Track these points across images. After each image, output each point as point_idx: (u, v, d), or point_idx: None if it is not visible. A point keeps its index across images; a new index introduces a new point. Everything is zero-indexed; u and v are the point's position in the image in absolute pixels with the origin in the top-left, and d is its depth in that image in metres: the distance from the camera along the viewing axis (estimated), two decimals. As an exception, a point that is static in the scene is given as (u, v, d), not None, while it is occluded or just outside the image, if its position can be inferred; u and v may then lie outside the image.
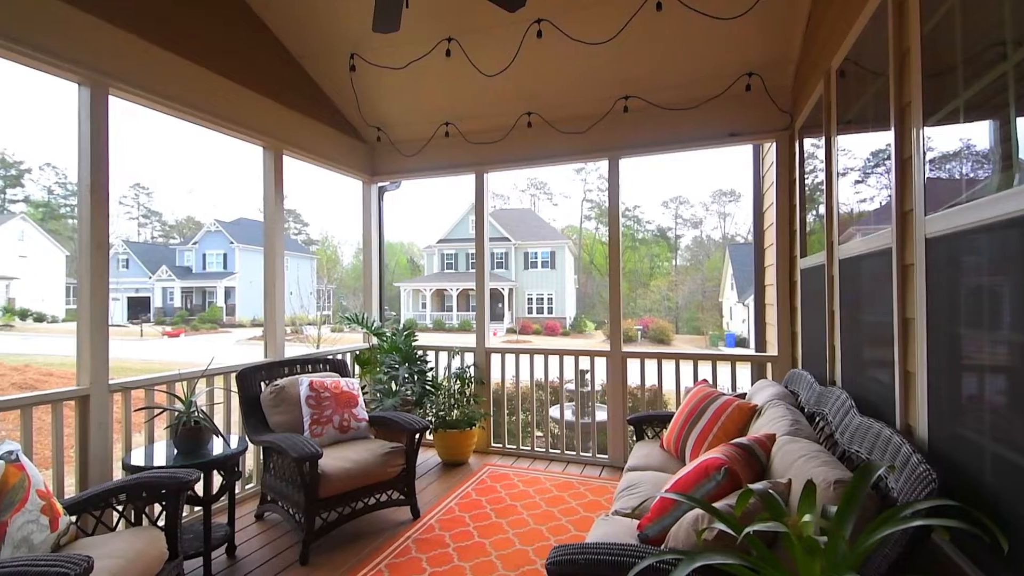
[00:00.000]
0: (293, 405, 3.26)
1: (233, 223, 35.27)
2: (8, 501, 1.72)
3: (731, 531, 1.20)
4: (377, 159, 4.93)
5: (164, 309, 32.88)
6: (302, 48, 3.96)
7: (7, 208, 40.49)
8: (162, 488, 2.11)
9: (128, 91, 2.86)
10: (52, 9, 2.52)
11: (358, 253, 38.97)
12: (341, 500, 2.90)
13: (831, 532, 1.11)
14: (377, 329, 4.64)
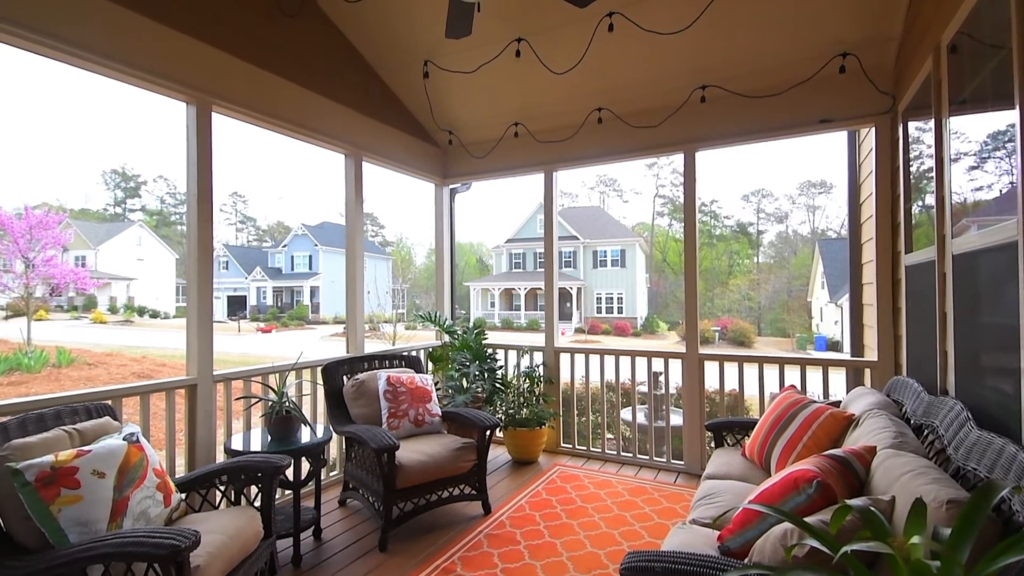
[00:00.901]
0: (372, 398, 3.42)
1: (317, 227, 37.69)
2: (129, 478, 1.94)
3: (825, 549, 1.11)
4: (449, 162, 5.06)
5: (258, 307, 35.77)
6: (380, 59, 4.15)
7: (127, 216, 45.84)
8: (258, 472, 2.29)
9: (229, 108, 3.14)
10: (166, 37, 2.81)
11: (430, 254, 40.28)
12: (416, 491, 3.01)
13: (944, 556, 0.99)
14: (449, 327, 4.76)
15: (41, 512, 1.70)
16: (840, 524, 1.28)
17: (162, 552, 1.57)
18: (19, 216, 16.11)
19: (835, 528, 1.25)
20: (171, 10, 2.84)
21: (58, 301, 26.92)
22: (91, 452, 1.85)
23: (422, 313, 4.89)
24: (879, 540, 1.06)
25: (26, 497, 1.70)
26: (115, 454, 1.91)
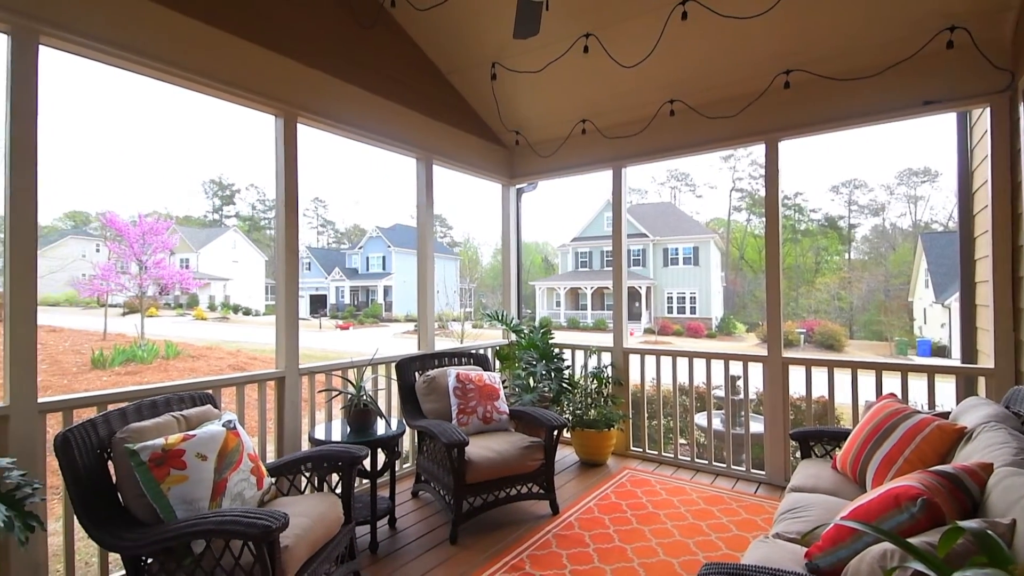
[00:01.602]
0: (442, 394, 3.51)
1: (390, 229, 39.35)
2: (228, 461, 2.11)
3: (932, 574, 1.00)
4: (515, 162, 5.09)
5: (337, 305, 37.91)
6: (449, 64, 4.25)
7: (223, 222, 50.14)
8: (339, 461, 2.42)
9: (312, 119, 3.34)
10: (257, 55, 3.04)
11: (496, 253, 40.81)
12: (485, 487, 3.05)
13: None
14: (515, 326, 4.79)
15: (153, 490, 1.89)
16: (950, 547, 1.15)
17: (255, 531, 1.70)
18: (134, 223, 18.10)
19: (944, 551, 1.12)
20: (261, 29, 3.06)
21: (166, 299, 29.93)
22: (195, 436, 2.04)
23: (489, 312, 4.96)
24: (997, 568, 0.94)
25: (141, 476, 1.90)
26: (216, 439, 2.09)
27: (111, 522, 1.88)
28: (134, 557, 1.84)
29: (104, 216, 19.29)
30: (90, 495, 1.89)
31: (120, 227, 17.95)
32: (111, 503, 1.94)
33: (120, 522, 1.89)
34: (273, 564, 1.77)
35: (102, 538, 1.83)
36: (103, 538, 1.83)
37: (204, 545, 1.83)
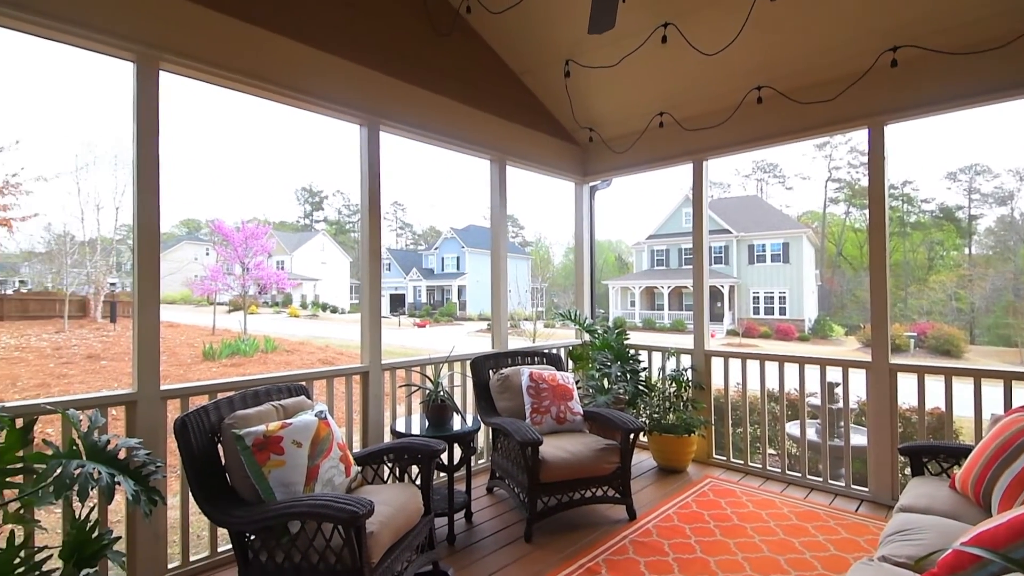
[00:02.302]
0: (515, 393, 3.53)
1: (464, 230, 40.36)
2: (319, 449, 2.26)
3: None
4: (589, 159, 5.02)
5: (414, 304, 39.50)
6: (522, 65, 4.27)
7: (313, 227, 53.84)
8: (418, 453, 2.50)
9: (394, 127, 3.49)
10: (343, 69, 3.22)
11: (568, 252, 40.57)
12: (559, 488, 3.03)
13: None
14: (589, 326, 4.72)
15: (256, 472, 2.06)
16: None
17: (344, 516, 1.80)
18: (237, 229, 19.92)
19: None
20: (346, 44, 3.24)
21: (264, 298, 32.64)
22: (292, 425, 2.20)
23: (562, 311, 4.93)
24: None
25: (245, 459, 2.07)
26: (309, 428, 2.24)
27: (220, 500, 2.07)
28: (239, 532, 2.01)
29: (213, 223, 21.44)
30: (203, 474, 2.09)
31: (226, 233, 19.85)
32: (220, 482, 2.14)
33: (228, 500, 2.08)
34: (360, 548, 1.87)
35: (213, 513, 2.02)
36: (213, 514, 2.02)
37: (299, 526, 1.97)
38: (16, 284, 25.46)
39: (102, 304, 19.31)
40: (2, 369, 10.41)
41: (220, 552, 2.71)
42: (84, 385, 9.86)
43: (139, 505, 1.76)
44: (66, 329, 15.79)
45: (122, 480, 1.72)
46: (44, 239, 22.04)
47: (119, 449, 1.82)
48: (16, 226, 12.50)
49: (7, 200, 12.16)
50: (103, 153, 32.59)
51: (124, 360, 11.77)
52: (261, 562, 1.99)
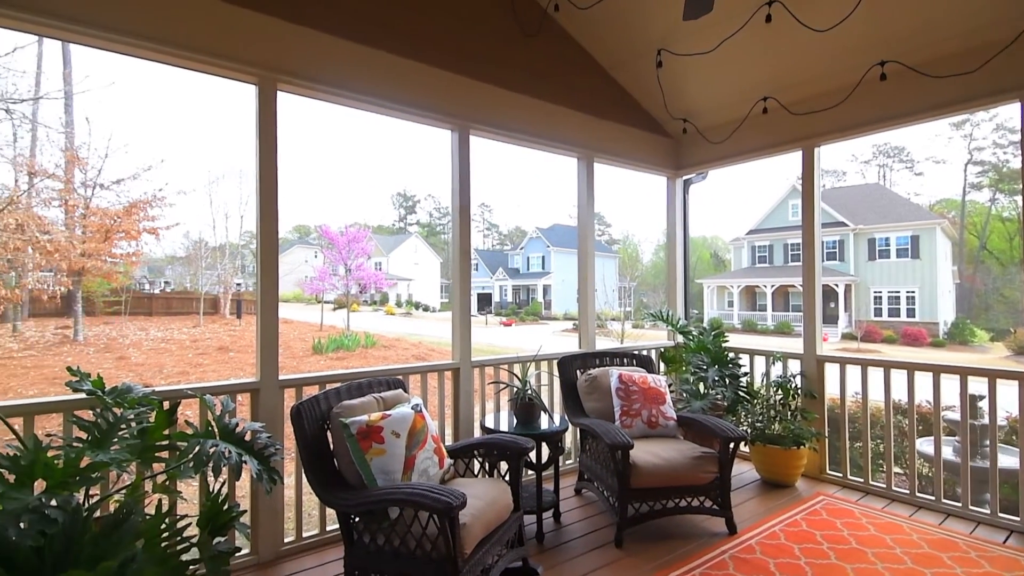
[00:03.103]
0: (604, 394, 3.46)
1: (549, 229, 40.40)
2: (415, 440, 2.36)
3: None
4: (682, 152, 4.79)
5: (500, 303, 40.25)
6: (612, 58, 4.18)
7: (407, 229, 56.75)
8: (507, 450, 2.54)
9: (483, 130, 3.57)
10: (435, 77, 3.34)
11: (658, 250, 39.10)
12: (652, 494, 2.92)
13: None
14: (682, 327, 4.51)
15: (360, 458, 2.20)
16: None
17: (439, 506, 1.87)
18: (341, 233, 21.55)
19: None
20: (436, 53, 3.36)
21: (364, 297, 34.97)
22: (391, 416, 2.32)
23: (652, 311, 4.75)
24: None
25: (351, 446, 2.22)
26: (406, 419, 2.35)
27: (329, 482, 2.24)
28: (345, 514, 2.16)
29: (320, 228, 23.40)
30: (314, 458, 2.27)
31: (332, 237, 21.56)
32: (329, 466, 2.31)
33: (335, 483, 2.25)
34: (454, 538, 1.93)
35: (322, 494, 2.19)
36: (323, 495, 2.18)
37: (398, 512, 2.07)
38: (162, 285, 29.50)
39: (230, 302, 21.82)
40: (152, 358, 12.11)
41: (328, 531, 2.93)
42: (216, 373, 11.19)
43: (262, 483, 1.95)
44: (201, 324, 18.04)
45: (248, 459, 1.92)
46: (183, 245, 25.43)
47: (245, 432, 2.03)
48: (162, 234, 14.52)
49: (155, 212, 14.13)
50: (230, 168, 36.99)
51: (248, 352, 13.20)
52: (364, 543, 2.13)
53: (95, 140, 27.12)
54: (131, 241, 14.00)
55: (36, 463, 1.49)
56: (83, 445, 1.76)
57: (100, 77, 26.82)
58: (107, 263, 13.66)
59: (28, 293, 12.64)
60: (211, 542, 1.81)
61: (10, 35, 11.80)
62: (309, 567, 2.67)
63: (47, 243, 11.92)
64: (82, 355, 11.86)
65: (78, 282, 13.47)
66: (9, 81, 13.78)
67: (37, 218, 12.21)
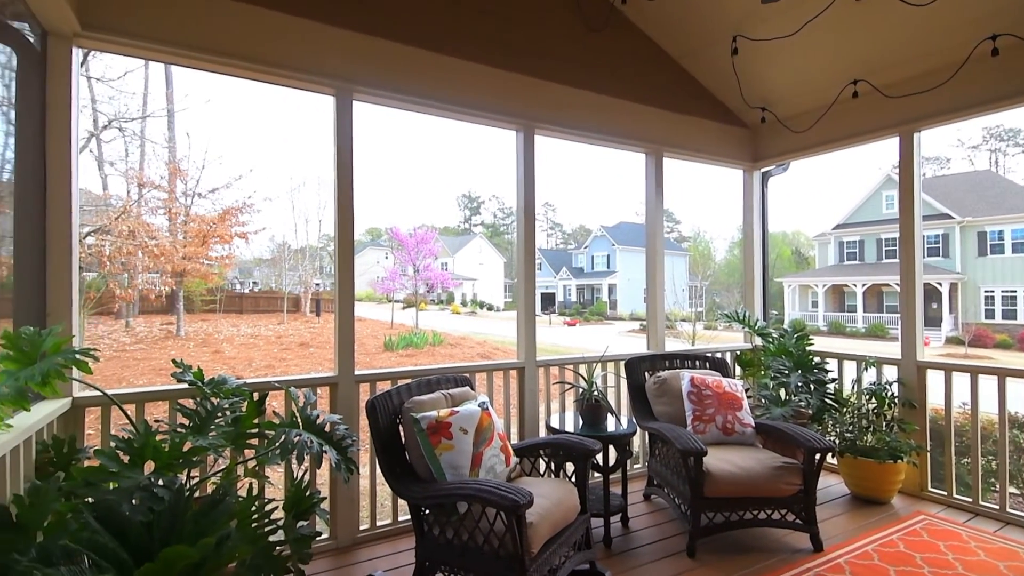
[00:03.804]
0: (675, 398, 3.33)
1: (614, 227, 39.66)
2: (483, 437, 2.39)
3: None
4: (760, 143, 4.52)
5: (564, 303, 40.02)
6: (682, 48, 4.02)
7: (471, 230, 57.79)
8: (573, 451, 2.51)
9: (549, 129, 3.56)
10: (501, 79, 3.36)
11: (732, 247, 37.21)
12: (727, 504, 2.78)
13: None
14: (761, 329, 4.25)
15: (430, 453, 2.26)
16: None
17: (507, 504, 1.88)
18: (410, 235, 22.33)
19: None
20: (502, 55, 3.38)
21: (431, 296, 36.03)
22: (459, 412, 2.36)
23: (727, 312, 4.52)
24: None
25: (421, 440, 2.29)
26: (474, 416, 2.38)
27: (401, 475, 2.32)
28: (416, 506, 2.23)
29: (390, 230, 24.38)
30: (387, 450, 2.36)
31: (401, 238, 22.40)
32: (400, 459, 2.39)
33: (406, 476, 2.32)
34: (521, 536, 1.93)
35: (395, 486, 2.27)
36: (395, 486, 2.26)
37: (466, 507, 2.11)
38: (251, 285, 31.95)
39: (310, 301, 23.23)
40: (242, 352, 13.14)
41: (400, 521, 3.04)
42: (297, 367, 11.96)
43: (340, 472, 2.05)
44: (284, 321, 19.35)
45: (328, 449, 2.02)
46: (269, 248, 27.40)
47: (326, 423, 2.15)
48: (250, 238, 15.72)
49: (245, 218, 15.33)
50: (310, 176, 39.42)
51: (325, 348, 13.99)
52: (434, 536, 2.18)
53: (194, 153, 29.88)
54: (224, 245, 15.27)
55: (146, 446, 1.65)
56: (186, 431, 1.93)
57: (198, 95, 29.41)
58: (204, 265, 14.99)
59: (138, 293, 14.13)
60: (295, 525, 1.93)
61: (122, 61, 13.22)
62: (382, 555, 2.78)
63: (154, 247, 13.27)
64: (183, 349, 13.08)
65: (180, 282, 14.89)
66: (121, 102, 15.48)
67: (146, 225, 13.63)
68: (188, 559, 1.33)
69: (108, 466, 1.57)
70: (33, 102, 2.16)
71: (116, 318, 15.32)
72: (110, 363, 10.89)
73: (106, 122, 13.87)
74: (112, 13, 2.32)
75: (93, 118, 13.55)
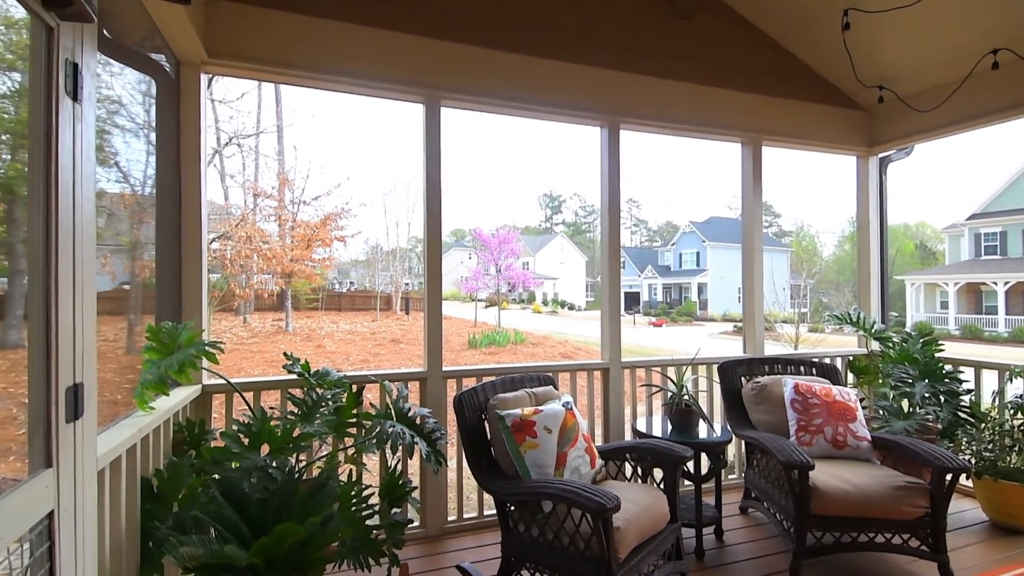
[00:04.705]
0: (775, 405, 3.09)
1: (704, 223, 37.72)
2: (567, 438, 2.36)
3: None
4: (877, 125, 4.07)
5: (649, 302, 38.75)
6: (784, 28, 3.72)
7: (552, 229, 57.70)
8: (662, 457, 2.41)
9: (635, 123, 3.46)
10: (586, 75, 3.31)
11: (842, 242, 33.84)
12: (837, 524, 2.52)
13: None
14: (879, 332, 3.82)
15: (515, 450, 2.28)
16: None
17: (593, 506, 1.85)
18: (492, 235, 22.78)
19: None
20: (586, 50, 3.33)
21: (513, 295, 36.50)
22: (543, 411, 2.36)
23: (836, 313, 4.11)
24: None
25: (506, 437, 2.31)
26: (558, 416, 2.37)
27: (487, 470, 2.36)
28: (502, 501, 2.26)
29: (474, 231, 25.02)
30: (473, 445, 2.42)
31: (484, 239, 22.92)
32: (486, 455, 2.44)
33: (492, 471, 2.36)
34: (608, 540, 1.88)
35: (481, 480, 2.31)
36: (482, 480, 2.31)
37: (551, 507, 2.10)
38: (348, 284, 34.30)
39: (400, 299, 24.49)
40: (341, 347, 14.13)
41: (486, 515, 3.10)
42: (389, 362, 12.65)
43: (430, 463, 2.14)
44: (378, 319, 20.55)
45: (419, 441, 2.11)
46: (364, 250, 29.30)
47: (416, 416, 2.24)
48: (348, 241, 16.92)
49: (343, 222, 16.52)
50: (399, 181, 41.69)
51: (414, 344, 14.67)
52: (519, 532, 2.20)
53: (299, 164, 32.75)
54: (325, 248, 16.54)
55: (263, 430, 1.82)
56: (295, 418, 2.11)
57: (302, 111, 32.26)
58: (308, 267, 16.33)
59: (254, 292, 15.72)
60: (389, 511, 2.03)
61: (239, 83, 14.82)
62: (469, 546, 2.85)
63: (267, 251, 14.69)
64: (291, 343, 14.34)
65: (288, 282, 16.35)
66: (239, 121, 17.24)
67: (260, 231, 15.13)
68: (297, 536, 1.45)
69: (231, 447, 1.75)
70: (169, 124, 2.46)
71: (235, 314, 17.14)
72: (231, 355, 12.20)
73: (227, 139, 15.58)
74: (232, 41, 2.58)
75: (216, 136, 15.29)
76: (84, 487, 1.23)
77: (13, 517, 0.99)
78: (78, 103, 1.17)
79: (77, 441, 1.19)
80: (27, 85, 1.18)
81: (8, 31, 1.50)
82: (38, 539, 1.10)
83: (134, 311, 2.93)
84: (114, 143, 2.51)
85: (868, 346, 4.04)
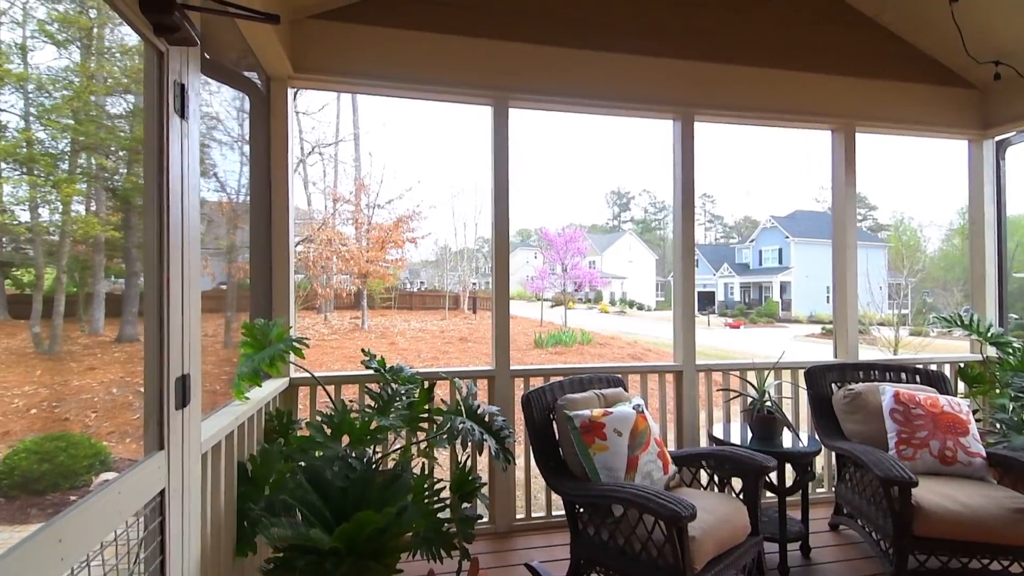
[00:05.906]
0: (871, 415, 2.83)
1: (787, 217, 35.35)
2: (638, 441, 2.30)
3: None
4: (993, 105, 3.61)
5: (725, 302, 36.91)
6: (878, 3, 3.40)
7: (620, 227, 56.45)
8: (743, 466, 2.27)
9: (710, 114, 3.30)
10: (655, 66, 3.20)
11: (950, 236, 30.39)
12: (944, 547, 2.27)
13: None
14: (995, 337, 3.40)
15: (583, 452, 2.25)
16: None
17: (667, 513, 1.78)
18: (559, 234, 22.68)
19: None
20: (657, 40, 3.21)
21: (579, 295, 36.12)
22: (613, 414, 2.31)
23: (945, 315, 3.70)
24: None
25: (575, 438, 2.28)
26: (628, 419, 2.31)
27: (555, 470, 2.34)
28: (571, 502, 2.24)
29: (540, 231, 25.05)
30: (542, 445, 2.41)
31: (550, 238, 22.89)
32: (554, 455, 2.42)
33: (561, 472, 2.34)
34: (683, 549, 1.81)
35: (550, 480, 2.30)
36: (551, 480, 2.30)
37: (622, 511, 2.05)
38: (419, 284, 35.51)
39: (467, 299, 25.01)
40: (412, 344, 14.66)
41: (554, 515, 3.09)
42: (458, 360, 12.96)
43: (498, 460, 2.16)
44: (446, 317, 21.12)
45: (488, 438, 2.13)
46: (433, 251, 30.21)
47: (485, 413, 2.27)
48: (418, 243, 17.57)
49: (414, 224, 17.18)
50: (467, 184, 42.56)
51: (481, 342, 14.92)
52: (589, 535, 2.16)
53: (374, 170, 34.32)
54: (398, 249, 17.26)
55: (344, 422, 1.91)
56: (372, 411, 2.21)
57: (376, 119, 33.96)
58: (382, 267, 17.12)
59: (333, 291, 16.70)
60: (460, 506, 2.08)
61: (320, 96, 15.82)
62: (537, 545, 2.85)
63: (345, 253, 15.56)
64: (367, 340, 15.07)
65: (364, 282, 17.21)
66: (320, 131, 18.36)
67: (339, 234, 16.05)
68: (375, 524, 1.51)
69: (315, 436, 1.86)
70: (260, 136, 2.66)
71: (317, 312, 18.29)
72: (313, 350, 13.01)
73: (309, 148, 16.66)
74: (315, 56, 2.75)
75: (300, 146, 16.39)
76: (190, 469, 1.36)
77: (132, 493, 1.11)
78: (185, 120, 1.29)
79: (184, 427, 1.31)
80: (140, 105, 1.32)
81: (123, 57, 1.69)
82: (151, 514, 1.22)
83: (230, 309, 3.20)
84: (212, 155, 2.76)
85: (983, 352, 3.60)
